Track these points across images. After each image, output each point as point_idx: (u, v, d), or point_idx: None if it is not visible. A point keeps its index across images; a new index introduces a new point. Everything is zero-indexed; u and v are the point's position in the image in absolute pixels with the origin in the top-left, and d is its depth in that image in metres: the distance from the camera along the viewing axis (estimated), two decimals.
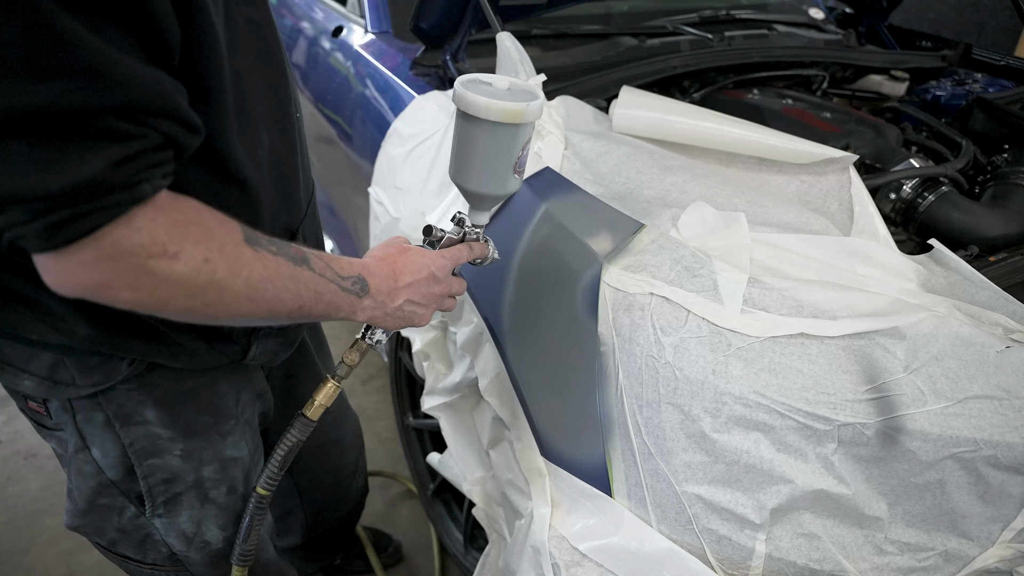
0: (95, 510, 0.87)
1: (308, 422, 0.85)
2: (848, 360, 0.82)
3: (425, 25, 1.47)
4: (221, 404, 0.88)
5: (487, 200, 0.87)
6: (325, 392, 0.86)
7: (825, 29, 2.09)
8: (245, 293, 0.59)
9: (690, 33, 1.75)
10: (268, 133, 0.76)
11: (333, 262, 0.70)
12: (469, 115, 0.76)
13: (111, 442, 0.81)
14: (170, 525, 0.90)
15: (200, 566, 0.95)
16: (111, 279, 0.52)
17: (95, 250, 0.51)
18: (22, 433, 2.13)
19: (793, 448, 0.80)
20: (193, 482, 0.88)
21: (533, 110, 0.76)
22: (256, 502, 0.85)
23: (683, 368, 0.84)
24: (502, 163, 0.80)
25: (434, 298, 0.82)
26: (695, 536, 0.85)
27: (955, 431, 0.79)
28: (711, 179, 1.14)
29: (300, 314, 0.66)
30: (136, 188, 0.51)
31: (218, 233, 0.57)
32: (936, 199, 1.27)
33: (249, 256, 0.59)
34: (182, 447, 0.85)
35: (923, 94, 1.80)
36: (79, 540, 1.79)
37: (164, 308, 0.57)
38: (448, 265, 0.84)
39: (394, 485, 1.96)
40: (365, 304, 0.73)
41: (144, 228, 0.52)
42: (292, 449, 0.83)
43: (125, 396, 0.79)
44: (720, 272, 0.89)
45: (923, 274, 1.00)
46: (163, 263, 0.53)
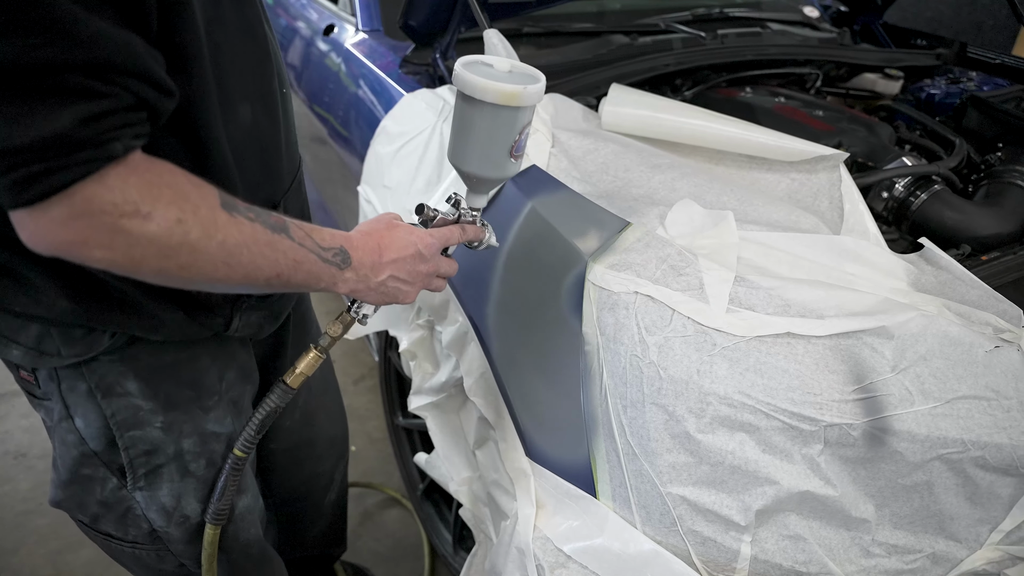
0: (78, 481, 0.87)
1: (288, 389, 0.84)
2: (835, 360, 0.81)
3: (414, 23, 1.46)
4: (203, 379, 0.88)
5: (484, 183, 0.85)
6: (306, 361, 0.85)
7: (819, 27, 2.07)
8: (220, 257, 0.60)
9: (683, 31, 1.74)
10: (251, 107, 0.77)
11: (314, 232, 0.70)
12: (467, 96, 0.75)
13: (93, 412, 0.82)
14: (151, 499, 0.89)
15: (180, 543, 0.94)
16: (84, 237, 0.53)
17: (68, 207, 0.51)
18: (12, 433, 2.12)
19: (779, 449, 0.79)
20: (173, 454, 0.88)
21: (531, 93, 0.76)
22: (232, 463, 0.85)
23: (667, 368, 0.83)
24: (499, 146, 0.79)
25: (420, 276, 0.81)
26: (680, 538, 0.84)
27: (943, 432, 0.78)
28: (700, 177, 1.13)
29: (279, 282, 0.66)
30: (107, 146, 0.51)
31: (193, 196, 0.58)
32: (929, 198, 1.26)
33: (224, 220, 0.60)
34: (163, 419, 0.85)
35: (917, 92, 1.79)
36: (67, 540, 1.78)
37: (138, 269, 0.57)
38: (436, 244, 0.82)
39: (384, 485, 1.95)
40: (347, 276, 0.73)
41: (116, 187, 0.53)
42: (270, 414, 0.83)
43: (107, 367, 0.80)
44: (706, 271, 0.88)
45: (913, 273, 0.99)
46: (135, 222, 0.54)
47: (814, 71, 1.75)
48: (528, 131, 0.81)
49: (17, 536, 1.80)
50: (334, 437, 1.33)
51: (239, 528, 1.00)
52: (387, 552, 1.75)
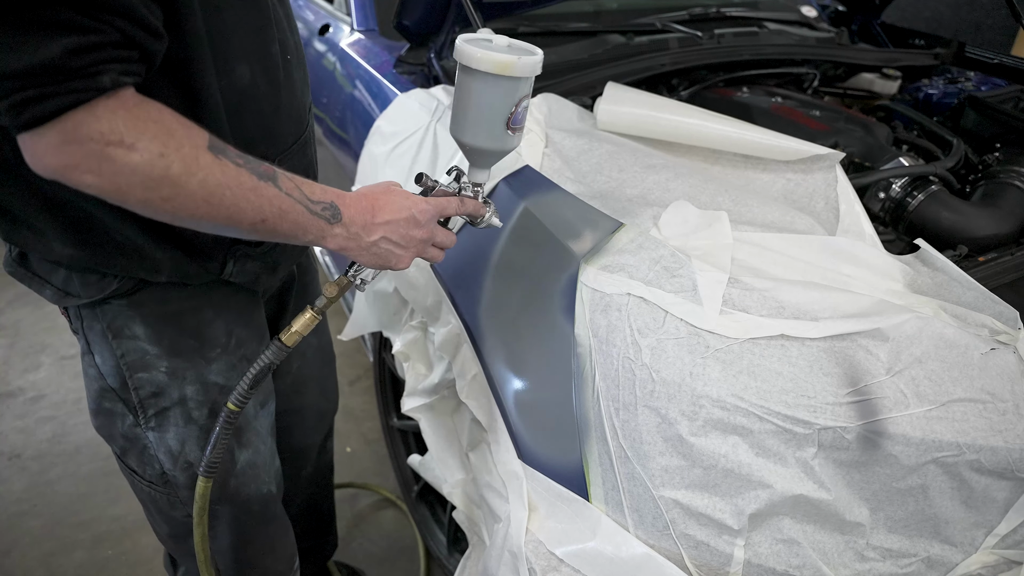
0: (103, 413, 0.96)
1: (282, 346, 0.85)
2: (829, 362, 0.80)
3: (408, 22, 1.45)
4: (207, 331, 0.93)
5: (483, 155, 0.87)
6: (302, 321, 0.86)
7: (817, 27, 2.07)
8: (200, 194, 0.63)
9: (679, 31, 1.73)
10: (250, 68, 0.82)
11: (304, 185, 0.73)
12: (466, 67, 0.79)
13: (107, 351, 0.90)
14: (160, 440, 0.95)
15: (184, 489, 0.98)
16: (75, 162, 0.58)
17: (60, 133, 0.57)
18: (6, 434, 2.12)
19: (772, 452, 0.78)
20: (178, 399, 0.93)
21: (526, 64, 0.78)
22: (225, 416, 0.86)
23: (660, 370, 0.82)
24: (496, 116, 0.82)
25: (413, 242, 0.82)
26: (672, 541, 0.83)
27: (938, 435, 0.77)
28: (695, 177, 1.12)
29: (264, 228, 0.70)
30: (95, 78, 0.56)
31: (179, 134, 0.62)
32: (925, 198, 1.25)
33: (208, 161, 0.64)
34: (167, 365, 0.91)
35: (915, 92, 1.78)
36: (61, 542, 1.78)
37: (125, 197, 0.62)
38: (431, 211, 0.83)
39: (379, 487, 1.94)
40: (336, 231, 0.76)
41: (104, 117, 0.58)
42: (263, 370, 0.84)
43: (117, 311, 0.88)
44: (699, 272, 0.87)
45: (909, 274, 0.98)
46: (120, 151, 0.59)
47: (811, 71, 1.75)
48: (526, 105, 0.83)
49: (10, 537, 1.79)
50: (323, 412, 1.34)
51: (240, 483, 1.02)
52: (381, 553, 1.74)
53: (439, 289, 1.12)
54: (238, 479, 1.01)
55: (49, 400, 2.24)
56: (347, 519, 1.82)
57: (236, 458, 1.00)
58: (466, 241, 1.10)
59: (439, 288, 1.12)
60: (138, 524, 1.81)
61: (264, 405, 1.05)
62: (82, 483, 1.94)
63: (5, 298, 2.78)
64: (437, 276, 1.12)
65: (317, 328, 1.25)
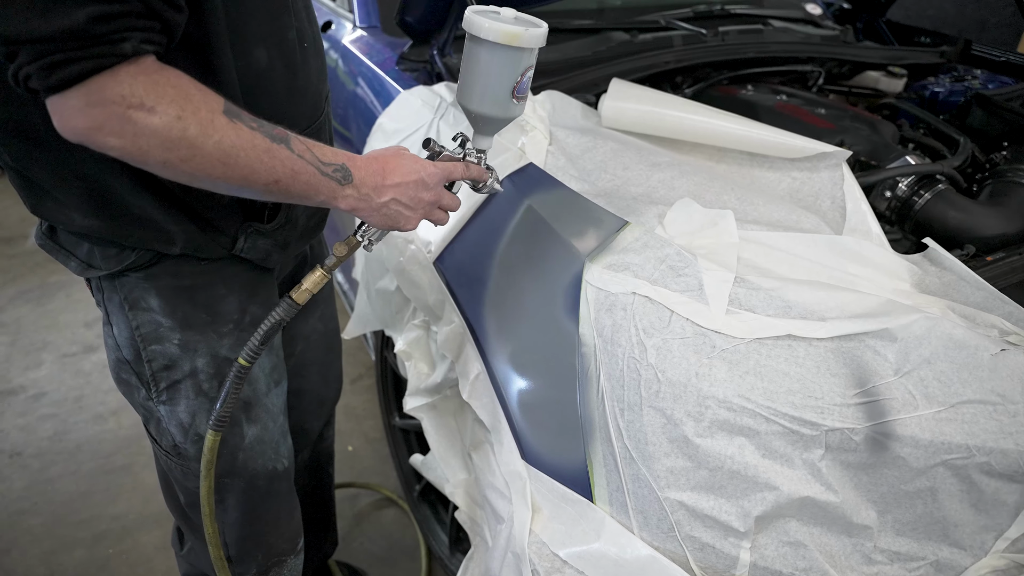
0: (122, 383, 1.00)
1: (293, 304, 0.86)
2: (836, 363, 0.79)
3: (411, 19, 1.44)
4: (219, 306, 0.96)
5: (488, 122, 0.89)
6: (312, 278, 0.87)
7: (822, 25, 2.05)
8: (216, 155, 0.67)
9: (683, 28, 1.72)
10: (267, 52, 0.85)
11: (315, 148, 0.76)
12: (474, 36, 0.82)
13: (124, 323, 0.93)
14: (171, 413, 0.98)
15: (195, 461, 1.00)
16: (99, 124, 0.62)
17: (84, 96, 0.61)
18: (7, 432, 2.11)
19: (779, 454, 0.77)
20: (189, 371, 0.95)
21: (532, 35, 0.81)
22: (236, 371, 0.87)
23: (665, 370, 0.81)
24: (501, 85, 0.84)
25: (422, 204, 0.85)
26: (678, 543, 0.82)
27: (947, 437, 0.76)
28: (700, 176, 1.11)
29: (278, 189, 0.73)
30: (118, 45, 0.60)
31: (196, 98, 0.66)
32: (932, 197, 1.24)
33: (223, 124, 0.67)
34: (180, 337, 0.94)
35: (921, 90, 1.77)
36: (61, 541, 1.77)
37: (146, 159, 0.65)
38: (439, 175, 0.86)
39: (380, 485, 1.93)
40: (347, 192, 0.78)
41: (125, 81, 0.61)
42: (274, 327, 0.86)
43: (133, 283, 0.91)
44: (705, 271, 0.86)
45: (917, 274, 0.97)
46: (140, 114, 0.62)
47: (816, 69, 1.73)
48: (531, 75, 0.86)
49: (11, 536, 1.78)
50: (324, 398, 1.34)
51: (248, 457, 1.04)
52: (383, 553, 1.73)
53: (441, 287, 1.11)
54: (246, 453, 1.03)
55: (50, 398, 2.24)
56: (348, 519, 1.81)
57: (244, 433, 1.02)
58: (469, 240, 1.10)
59: (441, 286, 1.11)
60: (138, 523, 1.81)
61: (278, 384, 1.07)
62: (83, 481, 1.93)
63: (6, 295, 2.78)
64: (440, 274, 1.11)
65: (323, 315, 1.27)
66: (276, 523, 1.11)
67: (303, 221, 1.01)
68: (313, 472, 1.40)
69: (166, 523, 1.79)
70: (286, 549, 1.14)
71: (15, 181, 0.85)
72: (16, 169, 0.83)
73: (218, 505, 1.04)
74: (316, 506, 1.44)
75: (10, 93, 0.75)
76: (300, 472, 1.36)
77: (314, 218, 1.04)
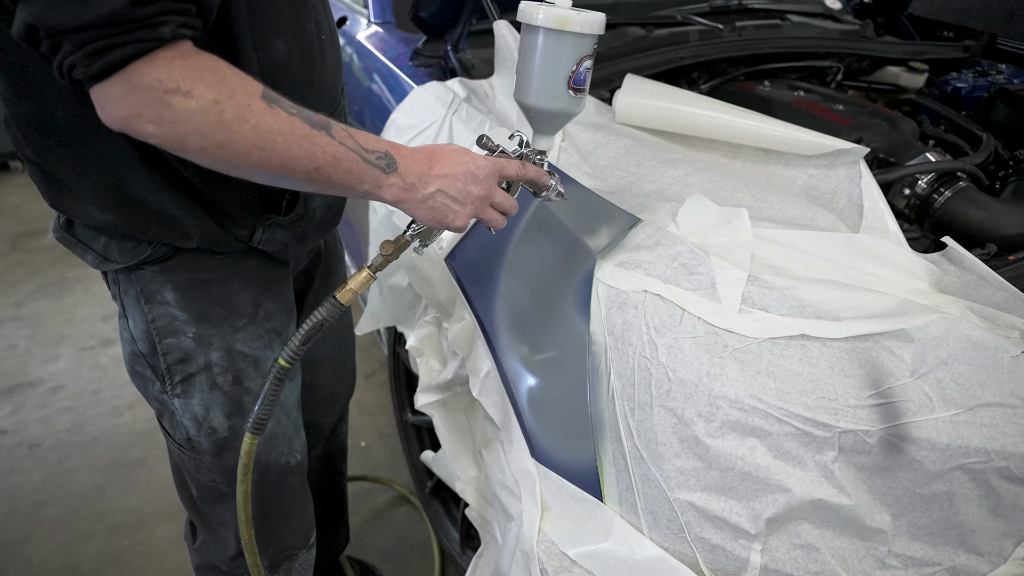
0: (136, 376, 1.00)
1: (337, 304, 0.83)
2: (851, 363, 0.78)
3: (425, 14, 1.44)
4: (234, 301, 0.96)
5: (546, 118, 0.86)
6: (358, 279, 0.84)
7: (842, 19, 2.02)
8: (253, 140, 0.66)
9: (699, 23, 1.70)
10: (286, 44, 0.85)
11: (358, 135, 0.74)
12: (527, 25, 0.80)
13: (139, 316, 0.94)
14: (185, 407, 0.98)
15: (208, 455, 1.01)
16: (137, 110, 0.62)
17: (124, 83, 0.61)
18: (26, 423, 2.14)
19: (791, 455, 0.76)
20: (204, 365, 0.96)
21: (587, 20, 0.78)
22: (276, 373, 0.84)
23: (676, 370, 0.80)
24: (557, 75, 0.81)
25: (471, 198, 0.80)
26: (687, 545, 0.81)
27: (965, 440, 0.74)
28: (714, 173, 1.09)
29: (319, 177, 0.71)
30: (156, 28, 0.60)
31: (232, 82, 0.65)
32: (953, 195, 1.21)
33: (261, 108, 0.66)
34: (194, 331, 0.94)
35: (943, 86, 1.73)
36: (78, 532, 1.79)
37: (183, 145, 0.65)
38: (489, 167, 0.81)
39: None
40: (391, 181, 0.76)
41: (162, 66, 0.61)
42: (316, 327, 0.83)
43: (149, 276, 0.92)
44: (718, 269, 0.85)
45: (936, 273, 0.95)
46: (177, 99, 0.62)
47: (835, 64, 1.71)
48: (589, 66, 0.82)
49: (28, 526, 1.81)
50: (336, 394, 1.35)
51: (261, 451, 1.04)
52: (394, 550, 1.73)
53: (452, 284, 1.11)
54: (259, 447, 1.02)
55: (68, 391, 2.27)
56: (360, 515, 1.82)
57: None
58: (480, 236, 1.09)
59: (452, 283, 1.11)
60: (153, 516, 1.83)
61: (291, 378, 1.07)
62: (98, 474, 1.96)
63: (27, 289, 2.82)
64: (451, 271, 1.11)
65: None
66: (288, 517, 1.12)
67: (320, 213, 1.01)
68: (325, 468, 1.40)
69: (180, 516, 1.81)
70: (298, 544, 1.15)
71: (35, 175, 0.86)
72: (36, 163, 0.83)
73: (231, 499, 1.04)
74: (328, 502, 1.45)
75: (33, 87, 0.76)
76: (313, 468, 1.36)
77: (331, 210, 1.04)
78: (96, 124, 0.77)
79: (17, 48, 0.72)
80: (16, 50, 0.73)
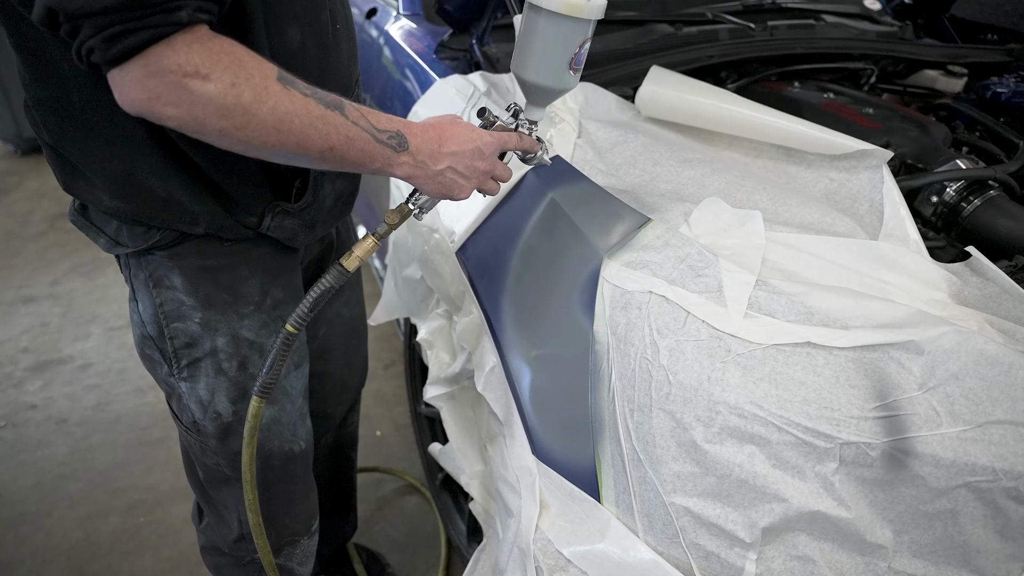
0: (146, 358, 1.02)
1: (343, 271, 0.85)
2: (857, 374, 0.76)
3: (450, 7, 1.44)
4: (241, 288, 0.98)
5: (543, 92, 0.90)
6: (363, 246, 0.86)
7: (880, 20, 1.97)
8: (271, 122, 0.67)
9: (730, 22, 1.67)
10: (300, 31, 0.86)
11: (370, 115, 0.76)
12: (534, 5, 0.83)
13: (148, 300, 0.96)
14: (191, 390, 1.00)
15: (213, 439, 1.03)
16: (157, 94, 0.63)
17: (143, 67, 0.62)
18: (55, 399, 2.20)
19: (790, 465, 0.75)
20: (209, 350, 0.97)
21: (593, 6, 0.82)
22: (283, 338, 0.86)
23: (677, 373, 0.79)
24: (559, 55, 0.85)
25: (476, 173, 0.85)
26: (682, 550, 0.80)
27: (972, 458, 0.72)
28: (732, 174, 1.08)
29: (333, 156, 0.73)
30: (173, 13, 0.61)
31: (249, 66, 0.66)
32: (982, 204, 1.17)
33: (277, 90, 0.68)
34: (201, 316, 0.96)
35: (982, 91, 1.68)
36: (98, 507, 1.84)
37: (203, 128, 0.66)
38: (494, 144, 0.86)
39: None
40: (403, 160, 0.79)
41: (181, 50, 0.62)
42: (323, 294, 0.85)
43: (158, 261, 0.93)
44: (726, 273, 0.84)
45: (956, 284, 0.92)
46: (196, 82, 0.63)
47: (869, 66, 1.66)
48: (588, 47, 0.87)
49: (52, 499, 1.86)
50: (348, 384, 1.35)
51: (264, 437, 1.05)
52: (402, 539, 1.75)
53: (462, 278, 1.11)
54: (262, 433, 1.05)
55: (96, 369, 2.33)
56: (372, 503, 1.83)
57: (263, 413, 1.01)
58: (492, 230, 1.09)
59: (462, 277, 1.11)
60: (170, 494, 1.87)
61: (298, 366, 1.08)
62: (120, 451, 2.00)
63: (62, 268, 2.89)
64: (461, 264, 1.11)
65: (349, 300, 1.28)
66: (291, 504, 1.13)
67: (330, 202, 1.02)
68: (335, 456, 1.41)
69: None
70: (300, 530, 1.16)
71: (51, 159, 0.88)
72: (52, 147, 0.85)
73: (235, 483, 1.06)
74: (337, 490, 1.46)
75: (50, 72, 0.77)
76: (322, 456, 1.37)
77: (341, 199, 1.05)
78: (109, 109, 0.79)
79: (36, 33, 0.74)
80: (35, 35, 0.74)
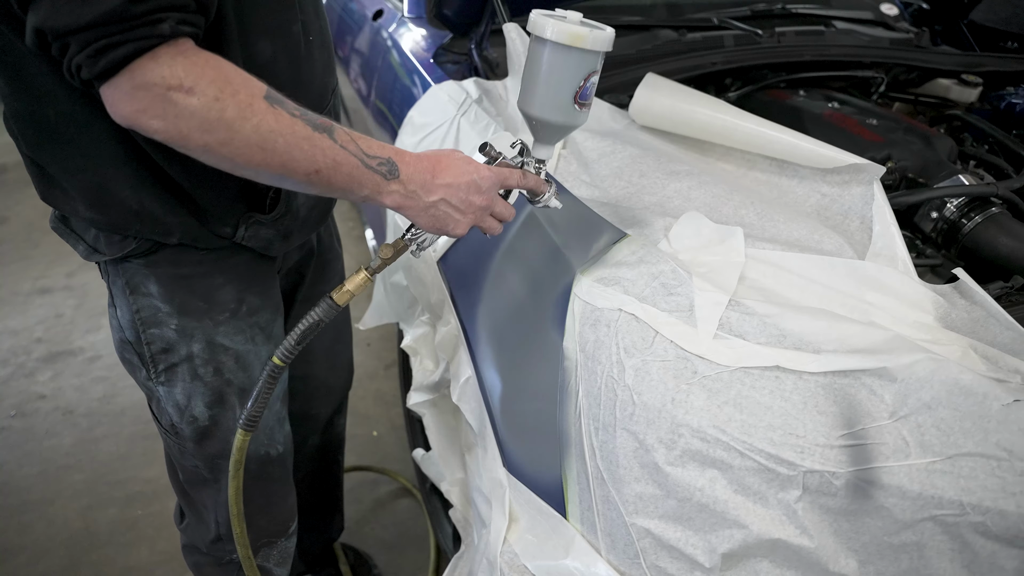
0: (125, 362, 1.04)
1: (333, 305, 0.83)
2: (826, 400, 0.74)
3: (448, 12, 1.43)
4: (216, 295, 0.98)
5: (550, 129, 0.86)
6: (355, 281, 0.83)
7: (895, 27, 1.92)
8: (255, 139, 0.67)
9: (736, 27, 1.64)
10: (272, 45, 0.86)
11: (361, 140, 0.74)
12: (538, 37, 0.80)
13: (125, 306, 0.97)
14: (169, 394, 1.01)
15: (190, 442, 1.04)
16: (143, 106, 0.63)
17: (129, 80, 0.63)
18: (64, 390, 2.24)
19: (752, 491, 0.73)
20: (185, 356, 0.99)
21: (597, 37, 0.79)
22: (269, 371, 0.85)
23: (642, 393, 0.78)
24: (565, 89, 0.82)
25: (473, 208, 0.81)
26: (643, 571, 0.79)
27: (939, 491, 0.69)
28: (719, 187, 1.06)
29: (319, 179, 0.72)
30: (156, 26, 0.62)
31: (235, 82, 0.66)
32: (983, 220, 1.14)
33: (263, 108, 0.67)
34: (176, 323, 0.97)
35: (996, 101, 1.63)
36: (98, 498, 1.87)
37: (187, 142, 0.66)
38: (493, 179, 0.82)
39: None
40: (393, 188, 0.76)
41: (165, 63, 0.63)
42: (312, 327, 0.83)
43: (135, 269, 0.95)
44: (699, 292, 0.82)
45: (943, 307, 0.90)
46: (180, 95, 0.63)
47: (879, 75, 1.62)
48: (595, 81, 0.83)
49: (55, 488, 1.90)
50: (332, 387, 1.36)
51: (258, 448, 1.06)
52: (392, 540, 1.75)
53: (443, 287, 1.10)
54: None
55: (104, 362, 2.37)
56: (363, 503, 1.84)
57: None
58: (472, 243, 1.08)
59: (443, 286, 1.10)
60: (167, 488, 1.88)
61: None
62: (123, 444, 2.04)
63: (77, 261, 2.95)
64: (442, 274, 1.10)
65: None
66: (267, 507, 1.14)
67: (304, 212, 1.02)
68: (321, 458, 1.42)
69: None
70: (277, 532, 1.17)
71: (29, 169, 0.89)
72: (30, 157, 0.87)
73: (212, 484, 1.07)
74: (322, 491, 1.47)
75: (28, 85, 0.78)
76: (308, 457, 1.38)
77: (316, 209, 1.05)
78: (83, 123, 0.79)
79: (14, 48, 0.75)
80: (13, 50, 0.75)
